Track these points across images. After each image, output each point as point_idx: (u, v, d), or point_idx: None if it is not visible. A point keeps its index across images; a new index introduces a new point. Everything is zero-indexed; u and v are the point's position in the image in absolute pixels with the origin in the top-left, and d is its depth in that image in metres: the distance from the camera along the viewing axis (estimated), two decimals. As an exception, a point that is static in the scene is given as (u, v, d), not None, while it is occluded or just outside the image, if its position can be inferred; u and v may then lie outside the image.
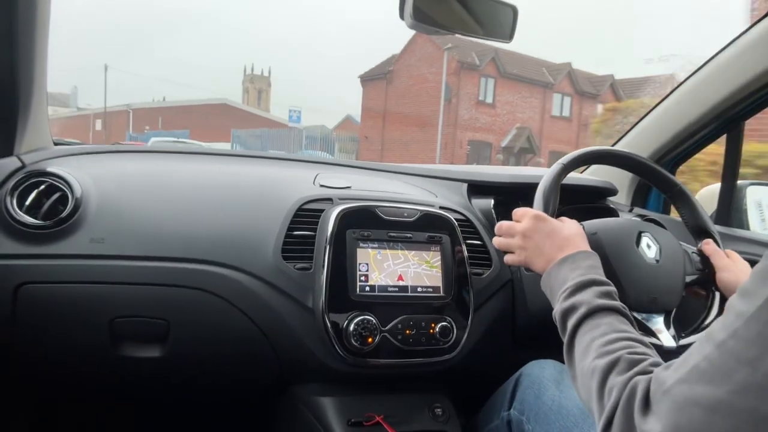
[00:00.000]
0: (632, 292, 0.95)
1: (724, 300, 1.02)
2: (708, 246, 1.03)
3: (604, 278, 0.78)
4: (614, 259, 0.95)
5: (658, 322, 0.97)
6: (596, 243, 0.95)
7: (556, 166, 1.04)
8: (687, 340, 0.94)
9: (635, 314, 0.95)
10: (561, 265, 0.82)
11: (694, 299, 1.03)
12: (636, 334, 0.69)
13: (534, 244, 0.89)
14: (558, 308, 0.76)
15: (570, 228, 0.89)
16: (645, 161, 1.13)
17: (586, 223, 1.01)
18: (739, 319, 0.49)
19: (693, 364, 0.52)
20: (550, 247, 0.86)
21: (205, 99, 41.20)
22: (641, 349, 0.65)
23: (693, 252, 1.05)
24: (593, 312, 0.72)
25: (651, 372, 0.58)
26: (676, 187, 1.11)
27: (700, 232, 1.10)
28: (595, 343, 0.67)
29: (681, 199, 1.11)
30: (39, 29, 0.99)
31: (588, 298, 0.74)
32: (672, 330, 0.97)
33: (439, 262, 1.06)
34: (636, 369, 0.60)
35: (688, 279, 1.02)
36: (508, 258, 0.95)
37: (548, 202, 0.98)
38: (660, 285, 0.98)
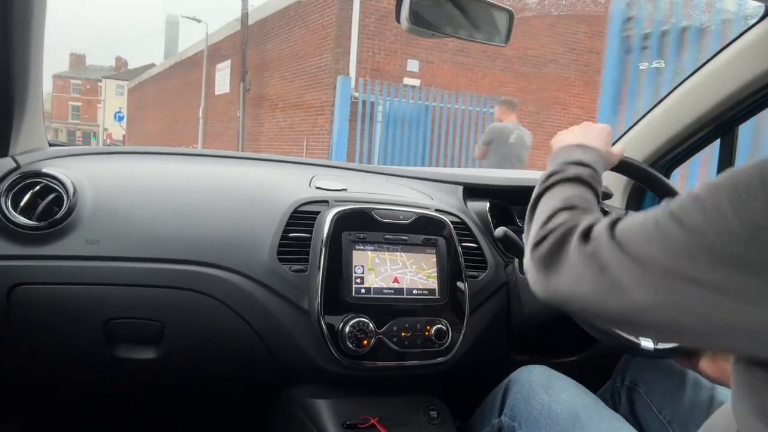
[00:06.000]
0: None
1: None
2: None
3: (596, 166, 0.85)
4: None
5: None
6: None
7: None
8: (665, 344, 0.94)
9: None
10: (576, 148, 0.89)
11: None
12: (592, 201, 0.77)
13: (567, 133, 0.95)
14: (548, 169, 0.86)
15: (598, 129, 0.94)
16: (645, 168, 1.13)
17: None
18: (694, 203, 0.52)
19: (640, 221, 0.57)
20: (574, 136, 0.93)
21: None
22: (587, 219, 0.69)
23: None
24: (570, 179, 0.80)
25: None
26: (675, 194, 1.11)
27: None
28: (561, 196, 0.76)
29: None
30: (34, 30, 0.99)
31: (575, 170, 0.82)
32: None
33: (435, 265, 1.06)
34: (593, 216, 0.67)
35: None
36: None
37: None
38: None
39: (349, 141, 9.13)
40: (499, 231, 1.04)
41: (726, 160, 1.47)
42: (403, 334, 1.01)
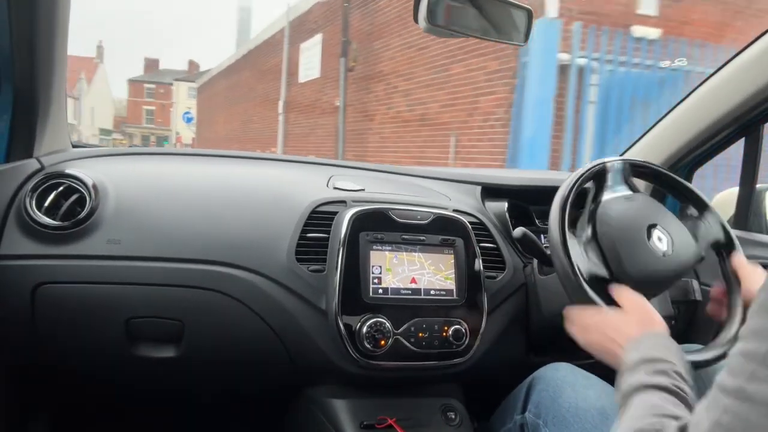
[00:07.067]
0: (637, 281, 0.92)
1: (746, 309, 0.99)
2: (736, 259, 0.98)
3: (660, 355, 0.72)
4: (623, 252, 0.93)
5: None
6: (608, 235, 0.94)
7: (575, 176, 0.99)
8: (709, 353, 0.90)
9: None
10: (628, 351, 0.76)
11: (711, 314, 1.00)
12: (674, 410, 0.63)
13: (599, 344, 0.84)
14: (618, 391, 0.72)
15: (631, 319, 0.82)
16: (668, 173, 1.10)
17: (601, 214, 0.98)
18: (753, 362, 0.47)
19: (713, 421, 0.49)
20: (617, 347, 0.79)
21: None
22: (674, 424, 0.60)
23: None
24: (639, 389, 0.68)
25: None
26: (698, 200, 1.07)
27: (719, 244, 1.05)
28: (628, 423, 0.64)
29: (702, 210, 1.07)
30: (58, 34, 1.00)
31: (639, 377, 0.69)
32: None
33: (453, 265, 1.06)
34: None
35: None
36: None
37: (564, 215, 0.95)
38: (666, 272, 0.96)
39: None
40: (518, 231, 1.04)
41: (751, 159, 1.45)
42: (420, 334, 1.00)
